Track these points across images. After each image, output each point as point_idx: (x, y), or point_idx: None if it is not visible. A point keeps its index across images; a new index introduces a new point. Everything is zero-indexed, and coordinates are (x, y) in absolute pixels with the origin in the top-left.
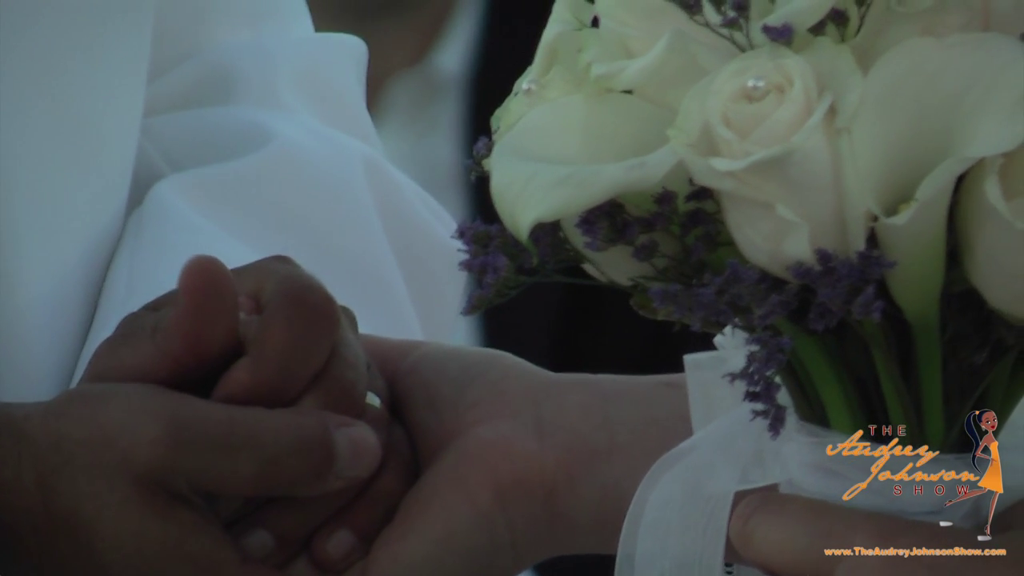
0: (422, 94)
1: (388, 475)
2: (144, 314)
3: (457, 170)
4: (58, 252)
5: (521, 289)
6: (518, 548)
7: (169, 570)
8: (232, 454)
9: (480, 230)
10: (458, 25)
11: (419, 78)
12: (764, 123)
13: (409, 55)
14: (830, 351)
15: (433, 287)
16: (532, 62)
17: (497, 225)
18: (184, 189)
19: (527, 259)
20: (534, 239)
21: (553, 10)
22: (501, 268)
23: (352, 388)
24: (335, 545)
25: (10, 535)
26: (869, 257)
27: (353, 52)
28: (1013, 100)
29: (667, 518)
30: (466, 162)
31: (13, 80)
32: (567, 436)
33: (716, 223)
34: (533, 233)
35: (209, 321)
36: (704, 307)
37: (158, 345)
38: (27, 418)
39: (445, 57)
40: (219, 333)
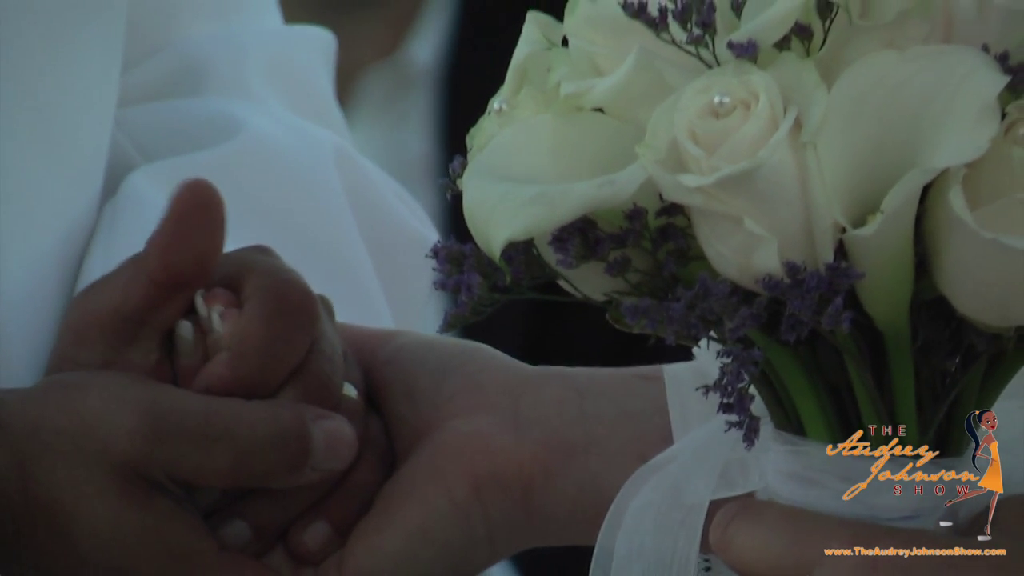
0: (394, 86)
1: (364, 467)
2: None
3: (429, 161)
4: (33, 241)
5: (496, 306)
6: (494, 541)
7: (146, 558)
8: (208, 445)
9: (454, 249)
10: (430, 18)
11: (391, 71)
12: (731, 138)
13: (381, 48)
14: (804, 361)
15: (403, 275)
16: (502, 55)
17: (471, 244)
18: (157, 179)
19: (501, 277)
20: (507, 258)
21: (523, 30)
22: (475, 287)
23: (329, 381)
24: (311, 536)
25: None
26: (837, 269)
27: (321, 44)
28: (975, 110)
29: (644, 525)
30: (441, 181)
31: None
32: (544, 431)
33: (687, 238)
34: (506, 252)
35: (191, 235)
36: (675, 321)
37: (136, 265)
38: (4, 405)
39: (417, 50)
40: (200, 248)
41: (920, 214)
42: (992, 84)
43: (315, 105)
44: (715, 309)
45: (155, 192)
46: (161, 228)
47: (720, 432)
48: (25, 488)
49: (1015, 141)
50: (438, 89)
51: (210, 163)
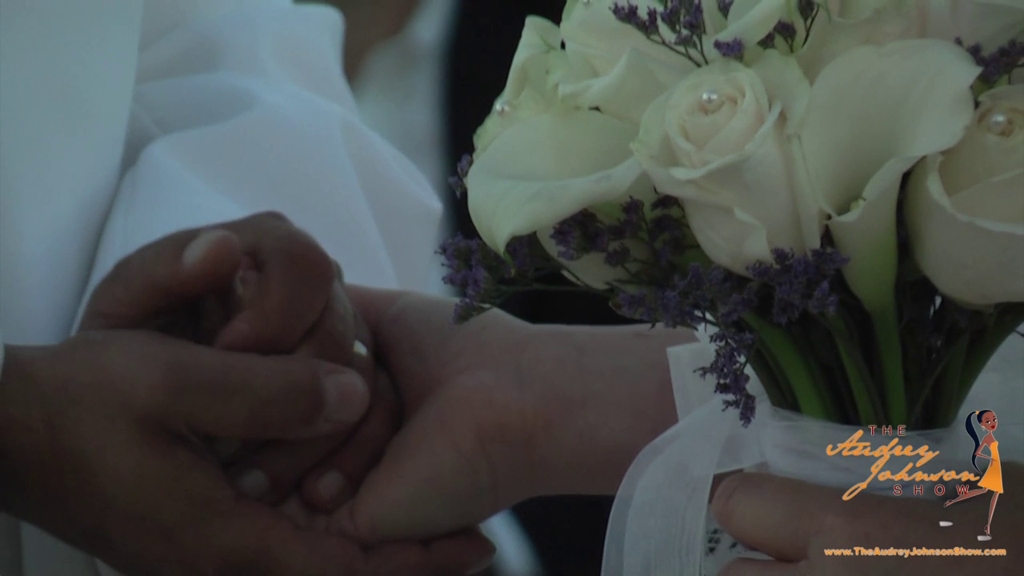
0: (400, 64)
1: (375, 420)
2: (136, 256)
3: (432, 135)
4: (57, 208)
5: (504, 298)
6: (498, 490)
7: (167, 505)
8: (226, 398)
9: (461, 245)
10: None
11: (397, 49)
12: (719, 133)
13: (387, 28)
14: (796, 341)
15: (406, 238)
16: (501, 35)
17: (477, 240)
18: (175, 150)
19: (506, 270)
20: (511, 251)
21: (523, 35)
22: (481, 281)
23: (342, 339)
24: (325, 486)
25: (18, 470)
26: (824, 254)
27: (329, 22)
28: (950, 101)
29: (653, 501)
30: (451, 179)
31: (11, 48)
32: (544, 385)
33: (682, 228)
34: (510, 246)
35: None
36: (670, 309)
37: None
38: (35, 361)
39: (421, 29)
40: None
41: (901, 200)
42: (965, 75)
43: (323, 80)
44: (708, 295)
45: (173, 162)
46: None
47: (720, 411)
48: (53, 439)
49: (988, 128)
50: (441, 67)
51: (225, 135)
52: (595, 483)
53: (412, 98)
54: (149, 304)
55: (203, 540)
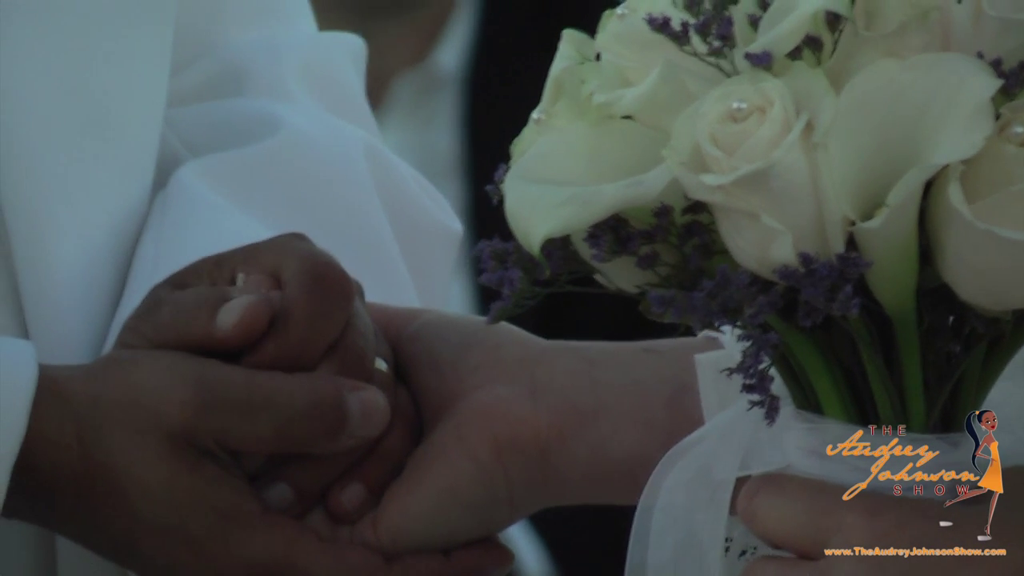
0: (423, 90)
1: (395, 434)
2: (166, 289)
3: (454, 159)
4: (89, 230)
5: (538, 299)
6: (515, 500)
7: (195, 518)
8: (252, 415)
9: (498, 248)
10: (456, 25)
11: (420, 75)
12: (748, 141)
13: (411, 54)
14: (820, 345)
15: (427, 258)
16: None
17: (512, 242)
18: (204, 173)
19: (541, 272)
20: (546, 254)
21: (559, 47)
22: (516, 281)
23: (364, 355)
24: (348, 497)
25: (51, 485)
26: (847, 258)
27: (352, 48)
28: (971, 112)
29: (677, 501)
30: (488, 187)
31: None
32: (558, 399)
33: (710, 233)
34: (545, 248)
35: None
36: (698, 310)
37: (178, 327)
38: (68, 380)
39: (444, 55)
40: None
41: (923, 208)
42: (986, 87)
43: (347, 105)
44: (735, 298)
45: (202, 184)
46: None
47: (744, 413)
48: (85, 454)
49: (1008, 139)
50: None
51: (251, 158)
52: (608, 494)
53: (434, 123)
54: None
55: (230, 552)
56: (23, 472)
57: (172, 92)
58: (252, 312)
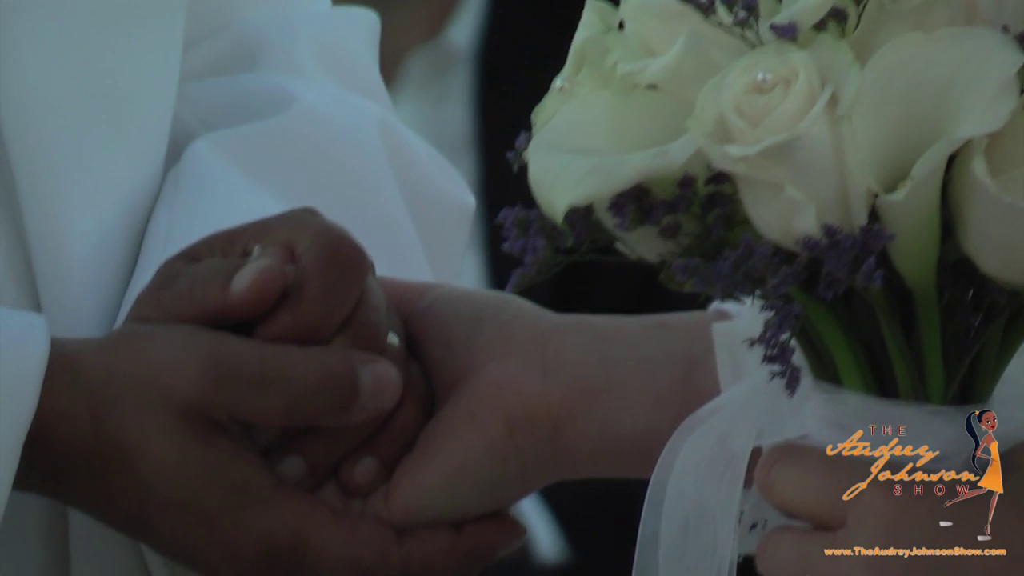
0: (436, 66)
1: (408, 408)
2: (180, 263)
3: (467, 135)
4: (102, 205)
5: (560, 267)
6: (525, 476)
7: (208, 492)
8: (264, 388)
9: (521, 215)
10: (467, 4)
11: (433, 51)
12: (772, 113)
13: (424, 30)
14: (840, 317)
15: (441, 233)
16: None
17: (535, 210)
18: (217, 147)
19: (563, 240)
20: (569, 222)
21: (583, 16)
22: (539, 249)
23: (377, 329)
24: (361, 471)
25: (63, 460)
26: (871, 231)
27: (366, 24)
28: (996, 86)
29: (692, 470)
30: (509, 154)
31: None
32: (569, 375)
33: (733, 204)
34: (568, 217)
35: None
36: (722, 280)
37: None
38: (81, 353)
39: (457, 31)
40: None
41: (946, 181)
42: (1011, 62)
43: (360, 80)
44: (759, 268)
45: (215, 159)
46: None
47: (763, 383)
48: (97, 429)
49: None
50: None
51: (265, 132)
52: (618, 468)
53: (447, 99)
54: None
55: (242, 526)
56: (35, 445)
57: (186, 67)
58: (264, 277)
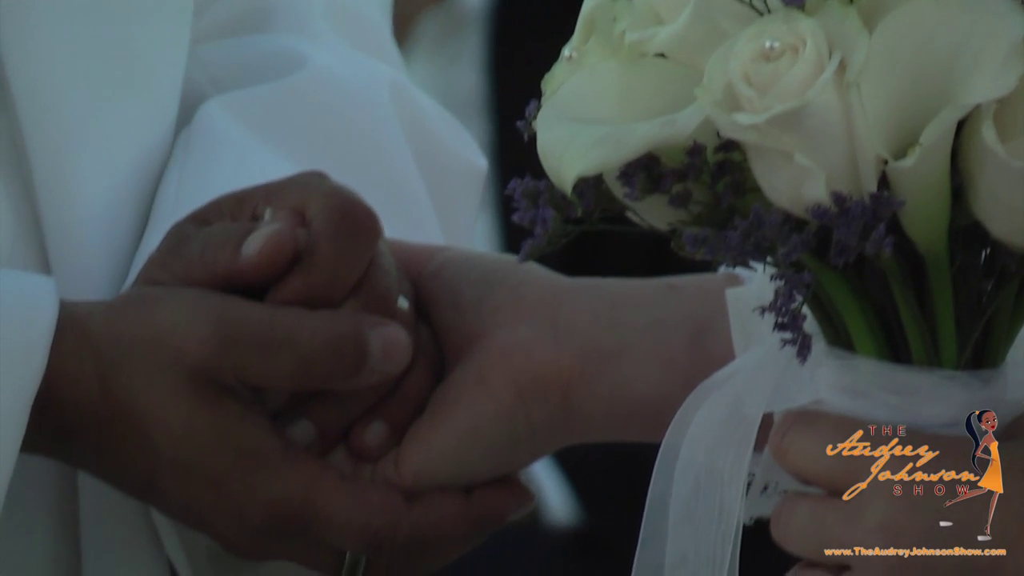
0: (449, 27)
1: (417, 372)
2: (189, 226)
3: (478, 96)
4: (112, 167)
5: (571, 237)
6: (536, 440)
7: (216, 456)
8: (273, 351)
9: (530, 186)
10: None
11: (446, 13)
12: (781, 80)
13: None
14: (852, 283)
15: (452, 195)
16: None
17: (545, 181)
18: (228, 108)
19: (573, 210)
20: (578, 192)
21: None
22: (549, 220)
23: (388, 293)
24: (371, 435)
25: (72, 423)
26: (880, 197)
27: None
28: (1004, 52)
29: (705, 434)
30: (519, 123)
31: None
32: (580, 338)
33: (743, 171)
34: (577, 187)
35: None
36: (732, 248)
37: (205, 261)
38: (90, 316)
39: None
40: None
41: (955, 147)
42: (1019, 27)
43: (373, 41)
44: (769, 236)
45: (226, 120)
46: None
47: (776, 349)
48: (106, 392)
49: None
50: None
51: (276, 94)
52: (629, 432)
53: (459, 60)
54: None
55: (251, 490)
56: (44, 408)
57: (198, 28)
58: (275, 241)
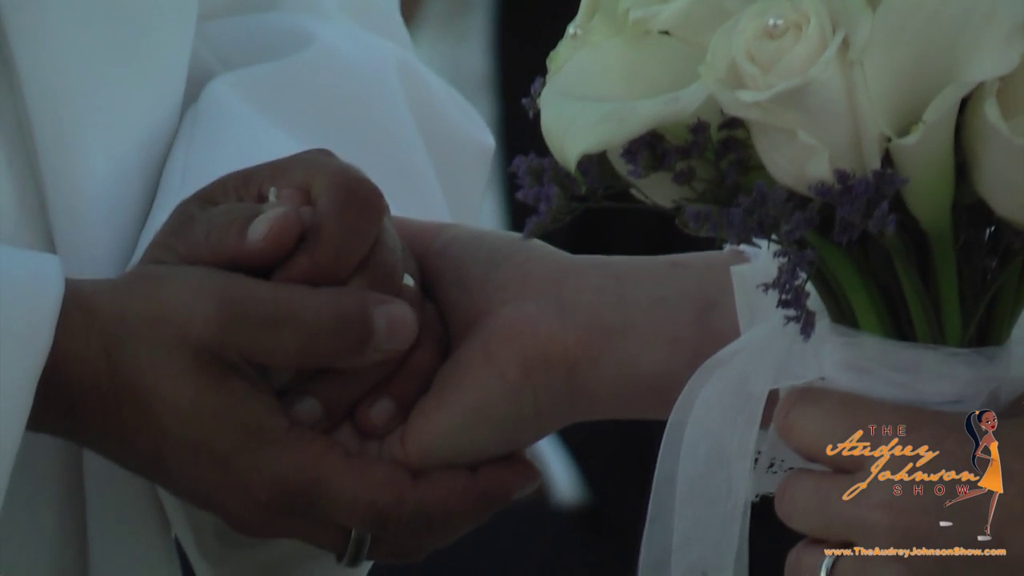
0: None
1: (423, 350)
2: (195, 205)
3: (486, 75)
4: (119, 144)
5: (575, 213)
6: (542, 417)
7: (222, 433)
8: (277, 329)
9: (534, 163)
10: None
11: None
12: (784, 58)
13: None
14: (856, 260)
15: (460, 173)
16: None
17: (549, 158)
18: (235, 86)
19: (577, 188)
20: (582, 170)
21: None
22: (553, 197)
23: (393, 271)
24: (377, 413)
25: (78, 401)
26: (884, 175)
27: None
28: (1007, 29)
29: (711, 411)
30: (524, 100)
31: None
32: (586, 316)
33: (746, 149)
34: (581, 164)
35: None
36: (736, 225)
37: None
38: (96, 294)
39: None
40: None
41: (959, 124)
42: (1022, 5)
43: (380, 20)
44: (772, 214)
45: (233, 98)
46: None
47: (781, 326)
48: (112, 369)
49: None
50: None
51: (283, 71)
52: (634, 409)
53: (467, 39)
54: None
55: (256, 468)
56: (50, 387)
57: (205, 5)
58: (281, 225)
